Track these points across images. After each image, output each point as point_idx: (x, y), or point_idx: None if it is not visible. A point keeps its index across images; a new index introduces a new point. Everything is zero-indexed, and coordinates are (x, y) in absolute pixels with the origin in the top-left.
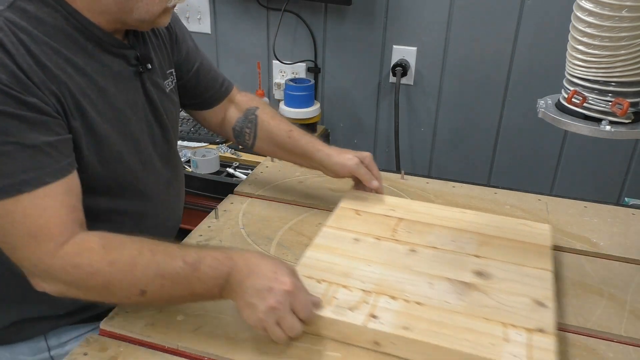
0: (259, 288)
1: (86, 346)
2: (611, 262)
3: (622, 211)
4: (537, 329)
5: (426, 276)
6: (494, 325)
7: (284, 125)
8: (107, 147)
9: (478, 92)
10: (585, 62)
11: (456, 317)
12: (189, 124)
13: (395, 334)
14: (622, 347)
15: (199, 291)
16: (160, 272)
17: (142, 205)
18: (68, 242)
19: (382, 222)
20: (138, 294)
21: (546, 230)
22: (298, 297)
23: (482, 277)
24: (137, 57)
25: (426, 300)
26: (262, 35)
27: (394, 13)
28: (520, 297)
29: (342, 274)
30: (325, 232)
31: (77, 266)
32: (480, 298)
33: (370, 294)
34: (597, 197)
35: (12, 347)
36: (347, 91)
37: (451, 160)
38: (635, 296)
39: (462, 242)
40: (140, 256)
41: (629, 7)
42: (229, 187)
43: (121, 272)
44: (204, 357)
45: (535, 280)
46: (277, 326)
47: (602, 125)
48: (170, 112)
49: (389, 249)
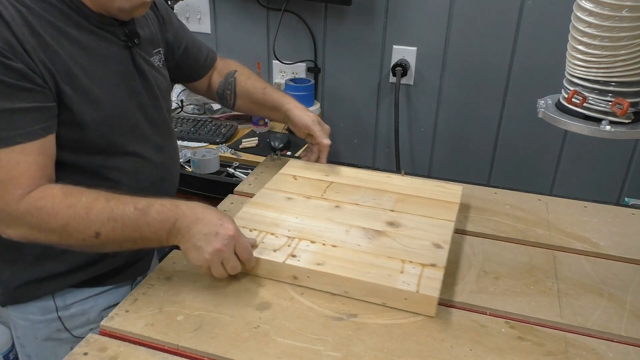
0: (206, 232)
1: (86, 346)
2: (611, 262)
3: (622, 211)
4: (430, 264)
5: (345, 226)
6: (395, 262)
7: (259, 83)
8: (97, 110)
9: (478, 92)
10: (585, 62)
11: (364, 256)
12: (189, 124)
13: (310, 269)
14: (622, 347)
15: (147, 235)
16: (113, 215)
17: (135, 165)
18: (33, 190)
19: (315, 185)
20: (93, 236)
21: (457, 191)
22: (240, 241)
23: (393, 226)
24: (125, 33)
25: (340, 243)
26: (262, 35)
27: (394, 13)
28: (422, 241)
29: (272, 225)
30: (263, 193)
31: (40, 208)
32: (387, 242)
33: (294, 239)
34: (597, 197)
35: (23, 307)
36: (347, 91)
37: (451, 160)
38: (635, 296)
39: (381, 200)
40: (96, 202)
41: (629, 7)
42: (229, 187)
43: (78, 215)
44: (204, 357)
45: (438, 228)
46: (220, 266)
47: (602, 125)
48: (160, 84)
49: (317, 205)
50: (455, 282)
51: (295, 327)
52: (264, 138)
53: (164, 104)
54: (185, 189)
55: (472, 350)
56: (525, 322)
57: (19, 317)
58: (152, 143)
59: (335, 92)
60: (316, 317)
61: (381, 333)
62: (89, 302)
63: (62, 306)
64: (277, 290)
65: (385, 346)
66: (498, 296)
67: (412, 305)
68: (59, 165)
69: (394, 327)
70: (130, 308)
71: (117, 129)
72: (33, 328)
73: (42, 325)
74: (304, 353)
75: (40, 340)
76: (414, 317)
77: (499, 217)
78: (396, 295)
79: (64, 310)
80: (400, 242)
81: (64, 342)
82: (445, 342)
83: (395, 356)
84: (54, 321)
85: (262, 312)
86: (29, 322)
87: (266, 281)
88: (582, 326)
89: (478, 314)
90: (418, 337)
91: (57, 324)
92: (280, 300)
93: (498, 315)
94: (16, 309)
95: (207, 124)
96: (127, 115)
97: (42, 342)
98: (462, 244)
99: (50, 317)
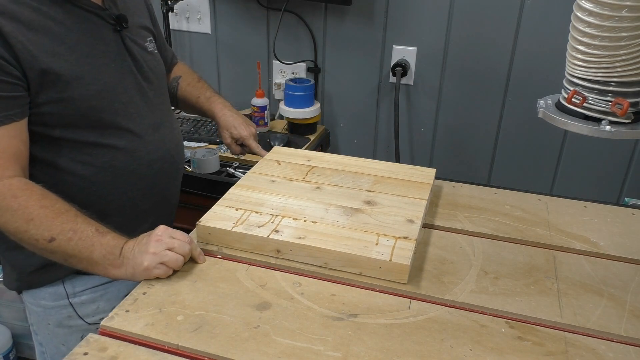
0: (140, 249)
1: (86, 346)
2: (611, 262)
3: (622, 211)
4: (403, 237)
5: (325, 204)
6: (370, 235)
7: (195, 91)
8: (84, 85)
9: (478, 92)
10: (585, 62)
11: (342, 230)
12: (189, 124)
13: (292, 242)
14: (622, 347)
15: (96, 255)
16: (75, 227)
17: (131, 142)
18: (15, 177)
19: (298, 169)
20: (47, 239)
21: (431, 174)
22: (171, 241)
23: (370, 205)
24: (113, 17)
25: (320, 220)
26: (262, 35)
27: (394, 13)
28: (396, 217)
29: (256, 204)
30: (248, 176)
31: (16, 197)
32: (364, 218)
33: (277, 216)
34: (597, 197)
35: (36, 293)
36: (347, 91)
37: (451, 160)
38: (635, 296)
39: (360, 182)
40: (67, 213)
41: (629, 7)
42: (228, 187)
43: (45, 217)
44: (204, 357)
45: (412, 206)
46: (162, 266)
47: (602, 125)
48: (154, 67)
49: (299, 187)
50: (455, 282)
51: (295, 327)
52: (264, 138)
53: (158, 85)
54: (185, 189)
55: (472, 350)
56: (525, 322)
57: (32, 303)
58: (148, 121)
59: (335, 92)
60: (316, 317)
61: (381, 333)
62: (99, 291)
63: (72, 293)
64: (277, 290)
65: (385, 346)
66: (498, 296)
67: (386, 273)
68: (55, 141)
69: (394, 327)
70: (130, 308)
71: (107, 105)
72: (45, 314)
73: (54, 311)
74: (304, 353)
75: (52, 326)
76: (414, 317)
77: (499, 217)
78: (371, 264)
79: (74, 297)
80: (376, 218)
81: (75, 329)
82: (445, 342)
83: (395, 356)
84: (65, 307)
85: (262, 312)
86: (41, 308)
87: (266, 281)
88: (582, 326)
89: (478, 314)
90: (418, 337)
91: (69, 310)
92: (280, 300)
93: (498, 315)
94: (30, 295)
95: (207, 124)
96: (118, 92)
97: (54, 329)
98: (462, 244)
99: (61, 303)
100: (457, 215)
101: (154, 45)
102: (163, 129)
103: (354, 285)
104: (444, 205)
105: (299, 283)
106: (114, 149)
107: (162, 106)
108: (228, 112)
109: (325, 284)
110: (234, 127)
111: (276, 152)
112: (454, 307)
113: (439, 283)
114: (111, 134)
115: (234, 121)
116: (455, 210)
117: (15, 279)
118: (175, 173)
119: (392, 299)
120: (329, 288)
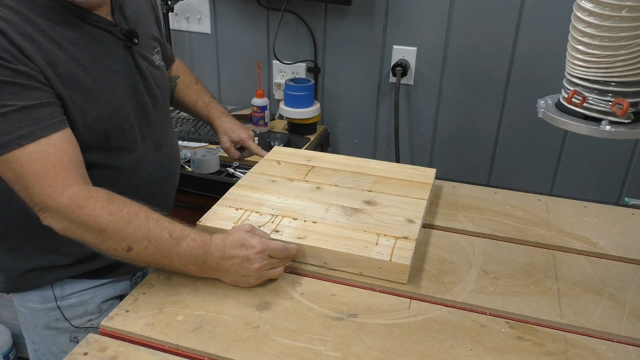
0: (238, 263)
1: (86, 346)
2: (611, 262)
3: (622, 211)
4: (403, 237)
5: (325, 204)
6: (371, 235)
7: (193, 95)
8: (97, 109)
9: (478, 92)
10: (585, 62)
11: (342, 230)
12: (189, 124)
13: (292, 242)
14: (622, 347)
15: (177, 265)
16: (149, 235)
17: (133, 162)
18: (76, 186)
19: (298, 169)
20: (125, 249)
21: (431, 174)
22: (271, 249)
23: (370, 205)
24: (124, 33)
25: (320, 220)
26: (262, 35)
27: (394, 13)
28: (396, 217)
29: (257, 204)
30: (249, 176)
31: (82, 207)
32: (364, 218)
33: (277, 216)
34: (597, 197)
35: (24, 295)
36: (347, 91)
37: (451, 160)
38: (635, 296)
39: (360, 182)
40: (136, 216)
41: (629, 7)
42: (228, 187)
43: (117, 224)
44: (204, 357)
45: (412, 205)
46: (270, 275)
47: (602, 125)
48: (160, 83)
49: (299, 187)
50: (455, 282)
51: (295, 327)
52: (264, 138)
53: (163, 102)
54: (185, 189)
55: (472, 350)
56: (525, 322)
57: (20, 305)
58: (150, 142)
59: (335, 92)
60: (316, 317)
61: (381, 333)
62: (88, 294)
63: (60, 296)
64: (277, 290)
65: (385, 346)
66: (498, 296)
67: (386, 273)
68: None
69: (394, 327)
70: (130, 308)
71: (116, 127)
72: (33, 316)
73: (42, 314)
74: (304, 353)
75: (40, 328)
76: (414, 317)
77: (499, 217)
78: (371, 264)
79: (62, 300)
80: (376, 218)
81: (62, 331)
82: (445, 342)
83: (395, 356)
84: (53, 310)
85: (262, 312)
86: (29, 310)
87: (266, 281)
88: (582, 326)
89: (478, 314)
90: (418, 337)
91: (56, 313)
92: (280, 300)
93: (498, 315)
94: (18, 297)
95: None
96: (126, 113)
97: (41, 330)
98: (462, 244)
99: (49, 305)
100: (457, 215)
101: (160, 56)
102: (164, 147)
103: (354, 285)
104: (444, 205)
105: (299, 283)
106: (116, 170)
107: (164, 123)
108: (226, 119)
109: (325, 284)
110: (233, 130)
111: (276, 152)
112: (454, 307)
113: (439, 283)
114: (115, 155)
115: (232, 126)
116: (455, 210)
117: (4, 280)
118: (172, 190)
119: (392, 299)
120: (329, 288)
